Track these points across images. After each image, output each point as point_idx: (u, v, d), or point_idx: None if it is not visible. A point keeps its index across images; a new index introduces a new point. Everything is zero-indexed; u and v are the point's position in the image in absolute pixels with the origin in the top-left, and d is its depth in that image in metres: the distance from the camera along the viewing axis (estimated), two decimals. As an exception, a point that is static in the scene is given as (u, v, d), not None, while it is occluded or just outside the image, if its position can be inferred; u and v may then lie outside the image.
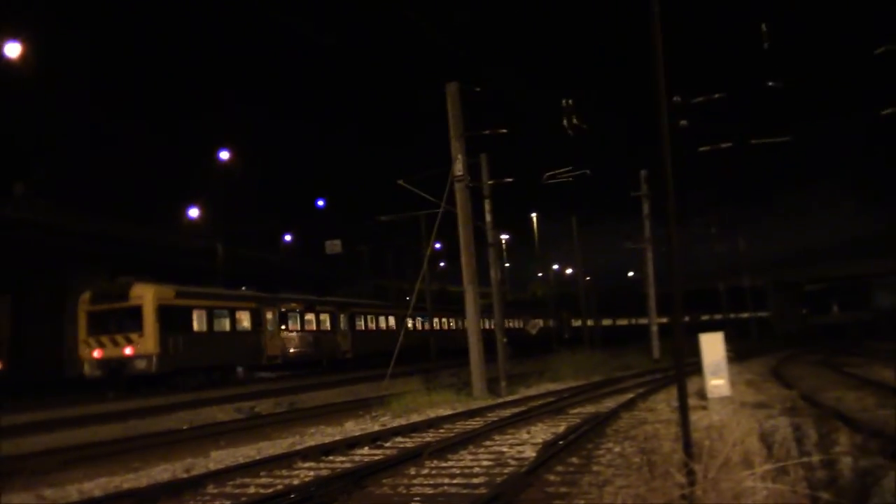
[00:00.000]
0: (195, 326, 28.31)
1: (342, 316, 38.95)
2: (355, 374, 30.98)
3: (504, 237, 66.19)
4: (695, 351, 10.84)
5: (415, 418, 14.34)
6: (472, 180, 19.77)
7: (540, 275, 73.60)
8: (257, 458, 10.31)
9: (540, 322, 50.62)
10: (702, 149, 21.85)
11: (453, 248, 22.89)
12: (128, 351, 26.00)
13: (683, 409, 5.43)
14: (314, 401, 21.43)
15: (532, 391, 19.90)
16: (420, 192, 21.12)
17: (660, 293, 33.85)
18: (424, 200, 21.21)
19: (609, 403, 15.30)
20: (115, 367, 25.97)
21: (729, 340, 11.16)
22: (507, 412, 14.63)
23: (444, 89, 19.42)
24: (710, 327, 12.35)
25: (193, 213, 45.63)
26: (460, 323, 40.74)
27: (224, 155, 43.08)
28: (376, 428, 13.09)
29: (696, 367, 11.48)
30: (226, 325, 30.16)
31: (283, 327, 33.81)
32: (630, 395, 16.37)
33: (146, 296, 26.48)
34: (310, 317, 36.20)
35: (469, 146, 19.56)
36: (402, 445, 11.13)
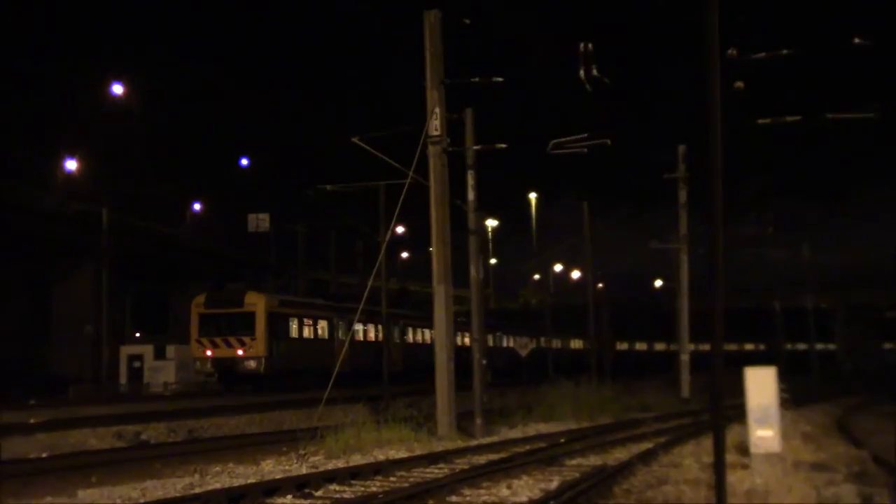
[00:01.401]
0: (292, 333, 39.84)
1: (396, 329, 47.27)
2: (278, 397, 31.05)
3: (491, 223, 66.46)
4: (738, 390, 10.96)
5: (357, 460, 14.40)
6: (453, 144, 19.75)
7: (537, 277, 73.79)
8: (140, 502, 10.23)
9: (532, 341, 51.13)
10: (761, 121, 21.97)
11: (421, 234, 22.90)
12: (239, 352, 36.31)
13: (719, 468, 5.49)
14: (221, 429, 21.37)
15: (517, 432, 20.04)
16: (380, 154, 21.08)
17: (694, 311, 34.04)
18: (386, 166, 21.21)
19: (619, 454, 15.46)
20: (227, 366, 36.51)
21: (783, 378, 11.30)
22: (482, 458, 14.74)
23: (420, 19, 19.36)
24: (760, 359, 12.52)
25: (71, 165, 45.17)
26: (426, 334, 46.44)
27: (117, 89, 42.70)
28: (304, 471, 13.15)
29: (739, 412, 11.61)
30: (310, 332, 41.48)
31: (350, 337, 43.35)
32: (648, 445, 16.54)
33: (259, 304, 37.37)
34: (370, 327, 46.31)
35: (451, 98, 19.54)
36: (337, 496, 11.17)
